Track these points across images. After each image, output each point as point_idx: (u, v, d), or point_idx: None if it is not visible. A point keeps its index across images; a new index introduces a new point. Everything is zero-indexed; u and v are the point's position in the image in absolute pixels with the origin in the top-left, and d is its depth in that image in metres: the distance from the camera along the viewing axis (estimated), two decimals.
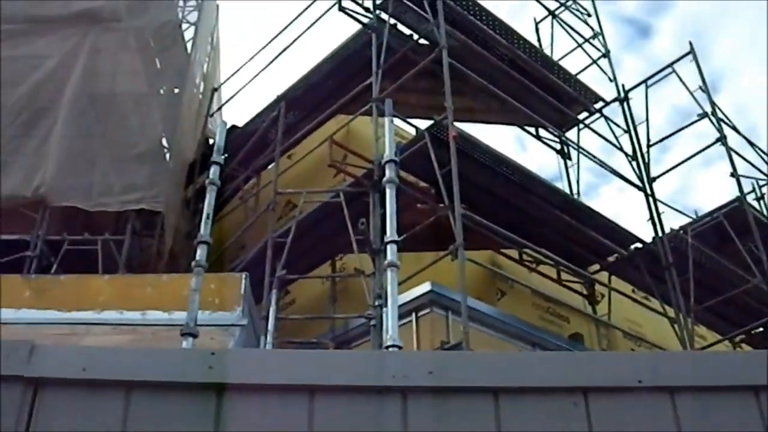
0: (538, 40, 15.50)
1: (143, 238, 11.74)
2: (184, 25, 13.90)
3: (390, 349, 5.41)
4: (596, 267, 12.61)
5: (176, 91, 12.65)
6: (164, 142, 11.79)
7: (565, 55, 15.32)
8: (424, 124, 10.44)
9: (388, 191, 6.16)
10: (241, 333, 8.29)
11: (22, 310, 8.94)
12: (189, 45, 13.63)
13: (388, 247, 5.88)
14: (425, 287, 8.91)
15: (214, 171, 5.82)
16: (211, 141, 14.19)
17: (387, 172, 6.22)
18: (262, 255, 9.98)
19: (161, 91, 12.77)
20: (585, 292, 12.66)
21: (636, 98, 14.37)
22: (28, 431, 2.80)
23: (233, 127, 12.57)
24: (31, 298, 9.09)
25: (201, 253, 5.54)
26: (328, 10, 12.05)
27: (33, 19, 12.81)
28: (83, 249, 10.42)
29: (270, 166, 12.19)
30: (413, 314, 8.88)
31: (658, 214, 12.75)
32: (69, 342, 8.03)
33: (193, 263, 5.65)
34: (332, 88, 11.74)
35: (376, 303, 8.34)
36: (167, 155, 11.77)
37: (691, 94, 14.13)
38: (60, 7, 12.88)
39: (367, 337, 8.87)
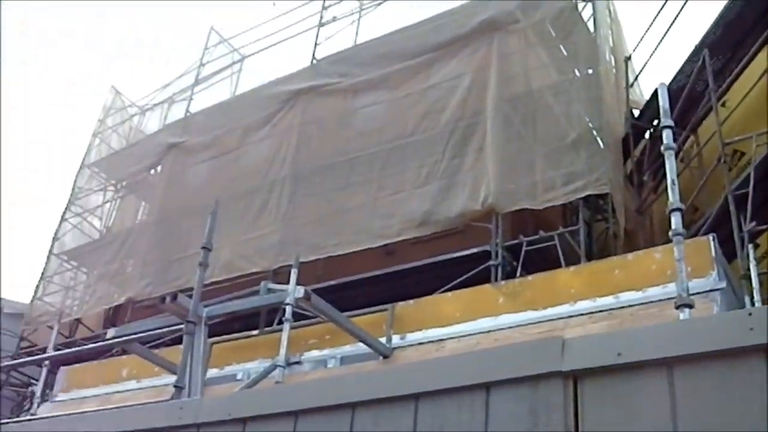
0: None
1: (595, 223, 11.72)
2: (580, 5, 13.74)
3: None
4: None
5: (590, 71, 12.51)
6: (591, 124, 11.66)
7: None
8: None
9: None
10: (722, 297, 7.91)
11: (501, 317, 9.31)
12: (590, 24, 13.44)
13: None
14: None
15: (667, 135, 5.57)
16: (636, 112, 13.85)
17: None
18: (722, 212, 9.48)
19: (576, 77, 12.69)
20: None
21: None
22: (577, 423, 2.80)
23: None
24: (505, 304, 9.41)
25: (676, 221, 5.31)
26: None
27: (438, 46, 13.49)
28: (540, 247, 10.60)
29: (705, 120, 11.59)
30: None
31: None
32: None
33: (670, 233, 5.44)
34: (753, 18, 10.85)
35: None
36: (598, 137, 11.64)
37: None
38: (458, 27, 13.41)
39: None
